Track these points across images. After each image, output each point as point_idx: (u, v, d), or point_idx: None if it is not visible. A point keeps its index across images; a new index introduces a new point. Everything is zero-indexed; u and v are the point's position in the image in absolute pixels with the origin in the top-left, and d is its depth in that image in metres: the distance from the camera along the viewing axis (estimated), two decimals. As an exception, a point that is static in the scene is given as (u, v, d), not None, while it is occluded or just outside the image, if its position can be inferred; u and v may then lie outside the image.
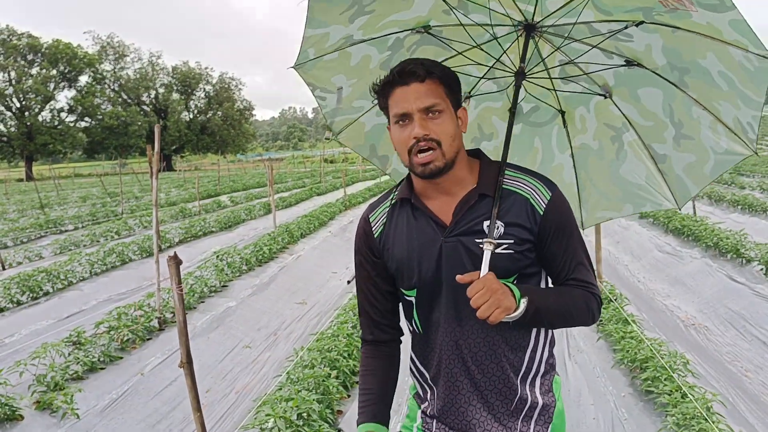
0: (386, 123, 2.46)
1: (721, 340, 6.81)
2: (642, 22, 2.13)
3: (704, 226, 11.34)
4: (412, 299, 2.01)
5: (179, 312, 2.73)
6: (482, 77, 2.60)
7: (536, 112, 2.71)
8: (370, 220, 2.07)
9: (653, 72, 2.33)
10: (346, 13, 2.26)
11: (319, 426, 4.14)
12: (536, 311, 1.81)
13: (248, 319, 8.17)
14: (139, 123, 70.65)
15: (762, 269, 8.92)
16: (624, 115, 2.55)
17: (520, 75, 2.28)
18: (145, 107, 77.42)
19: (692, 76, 2.24)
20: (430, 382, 2.08)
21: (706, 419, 3.84)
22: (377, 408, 2.06)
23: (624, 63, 2.37)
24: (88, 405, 5.39)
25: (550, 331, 2.07)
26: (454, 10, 2.29)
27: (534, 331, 2.00)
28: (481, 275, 1.77)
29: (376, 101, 2.34)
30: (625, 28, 2.18)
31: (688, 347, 6.51)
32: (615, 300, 7.06)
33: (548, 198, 1.89)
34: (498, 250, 1.86)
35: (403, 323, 2.14)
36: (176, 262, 2.62)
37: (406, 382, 2.29)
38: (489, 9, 2.26)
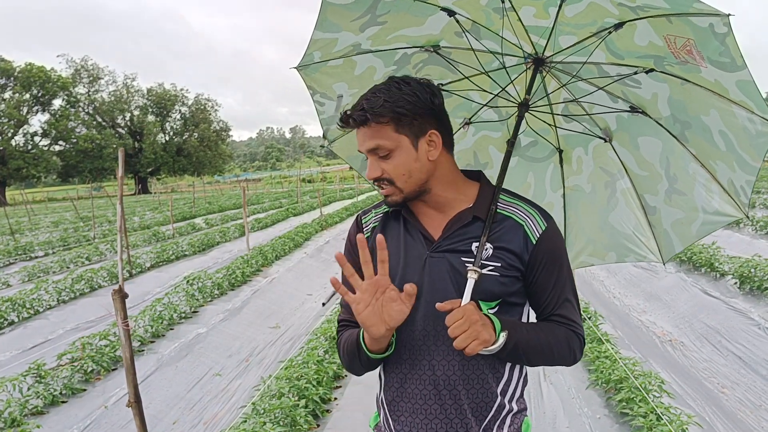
0: None
1: (697, 356, 6.75)
2: (652, 70, 2.10)
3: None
4: None
5: (125, 349, 2.58)
6: (485, 105, 2.56)
7: (534, 147, 2.68)
8: (363, 222, 2.04)
9: (656, 122, 2.29)
10: (359, 21, 2.23)
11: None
12: (515, 346, 1.75)
13: (219, 345, 7.97)
14: (114, 146, 70.03)
15: (736, 283, 8.91)
16: (621, 161, 2.51)
17: (524, 107, 2.24)
18: (120, 130, 76.83)
19: (693, 132, 2.20)
20: (389, 407, 1.96)
21: (680, 443, 3.74)
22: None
23: (628, 108, 2.34)
24: (48, 441, 5.18)
25: (524, 369, 1.97)
26: (466, 33, 2.26)
27: (508, 365, 1.90)
28: (463, 304, 1.71)
29: None
30: (635, 73, 2.16)
31: (665, 364, 6.45)
32: (589, 318, 6.98)
33: (543, 228, 1.84)
34: (484, 271, 1.79)
35: None
36: (121, 296, 2.48)
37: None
38: (501, 37, 2.23)
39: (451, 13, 2.22)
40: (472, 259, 1.82)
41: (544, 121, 2.52)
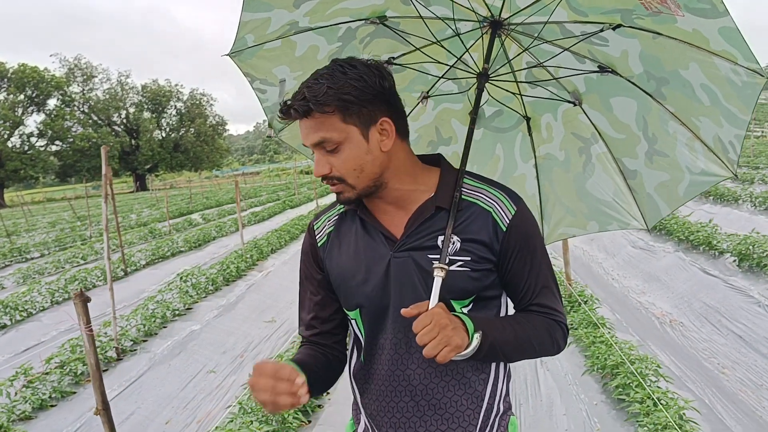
0: None
1: (696, 336, 6.66)
2: (620, 26, 1.92)
3: (676, 220, 11.25)
4: (355, 320, 1.79)
5: (90, 355, 2.48)
6: (441, 77, 2.39)
7: (499, 117, 2.50)
8: (315, 228, 1.87)
9: (628, 80, 2.11)
10: None
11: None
12: (492, 346, 1.61)
13: (213, 342, 7.87)
14: (111, 144, 69.84)
15: (734, 260, 8.81)
16: (594, 124, 2.34)
17: (483, 77, 2.07)
18: (116, 128, 76.61)
19: (671, 88, 2.02)
20: (370, 420, 1.83)
21: (678, 429, 3.64)
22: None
23: (597, 69, 2.15)
24: (36, 447, 5.10)
25: (508, 365, 1.86)
26: (413, 1, 2.08)
27: (493, 363, 1.78)
28: (430, 306, 1.56)
29: None
30: (601, 31, 1.97)
31: (664, 346, 6.35)
32: (585, 303, 6.88)
33: (513, 213, 1.68)
34: (452, 268, 1.65)
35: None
36: (83, 300, 2.37)
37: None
38: (452, 1, 2.05)
39: None
40: (438, 255, 1.66)
41: (507, 90, 2.36)
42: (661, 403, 4.06)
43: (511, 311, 1.84)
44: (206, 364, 7.12)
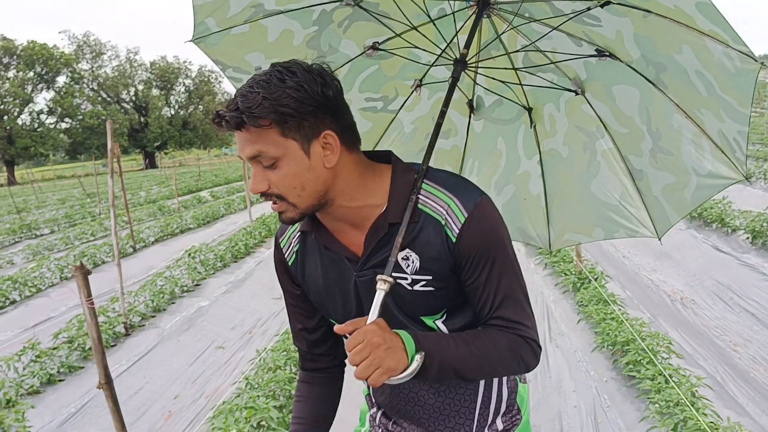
0: None
1: (708, 313, 6.58)
2: (608, 2, 1.75)
3: (688, 197, 11.12)
4: None
5: (92, 329, 2.44)
6: (432, 65, 2.20)
7: (500, 107, 2.30)
8: (282, 246, 1.74)
9: (628, 65, 1.94)
10: None
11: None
12: (441, 366, 1.46)
13: (222, 318, 7.88)
14: (120, 121, 69.87)
15: (747, 238, 8.71)
16: (599, 116, 2.15)
17: (460, 63, 1.90)
18: (125, 105, 76.52)
19: (670, 75, 1.84)
20: (382, 407, 1.87)
21: (690, 406, 3.58)
22: None
23: (594, 52, 1.98)
24: (44, 421, 5.11)
25: None
26: None
27: None
28: (368, 322, 1.44)
29: None
30: (588, 9, 1.81)
31: (675, 323, 6.29)
32: (595, 279, 6.81)
33: (462, 220, 1.50)
34: (416, 287, 1.54)
35: None
36: (83, 272, 2.32)
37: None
38: None
39: None
40: (403, 272, 1.55)
41: (502, 81, 2.18)
42: (672, 380, 4.00)
43: None
44: (215, 339, 7.12)
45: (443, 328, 1.63)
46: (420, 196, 1.55)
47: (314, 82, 1.43)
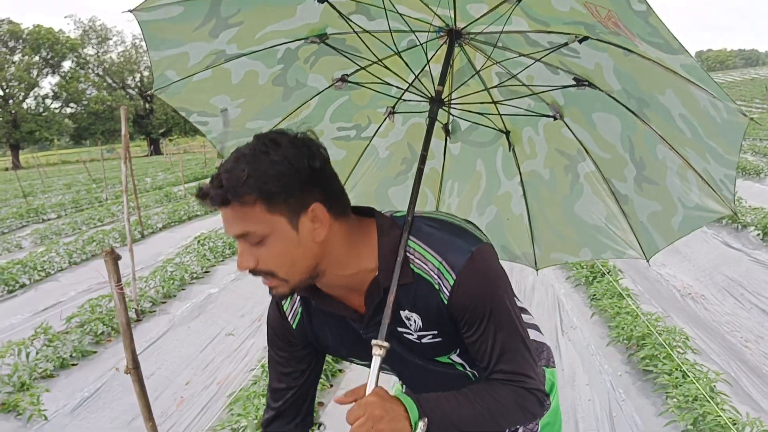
0: None
1: (719, 309, 6.58)
2: (586, 38, 1.69)
3: (698, 192, 11.09)
4: None
5: (121, 313, 2.44)
6: (400, 98, 2.15)
7: (476, 131, 2.26)
8: (284, 309, 1.70)
9: (608, 95, 1.87)
10: (203, 29, 1.82)
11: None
12: (444, 428, 1.46)
13: (231, 305, 7.89)
14: (125, 107, 69.89)
15: (758, 234, 8.69)
16: (579, 140, 2.08)
17: (436, 102, 1.84)
18: (130, 91, 76.50)
19: (653, 111, 1.78)
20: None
21: (710, 400, 3.59)
22: None
23: (573, 81, 1.91)
24: (58, 404, 5.12)
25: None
26: (349, 19, 1.85)
27: None
28: (368, 391, 1.44)
29: (280, 119, 2.02)
30: (565, 44, 1.75)
31: (686, 318, 6.29)
32: (608, 273, 6.81)
33: (451, 283, 1.47)
34: (424, 341, 1.56)
35: None
36: (113, 257, 2.33)
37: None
38: (399, 13, 1.81)
39: None
40: (407, 329, 1.56)
41: (480, 113, 2.13)
42: (690, 375, 4.01)
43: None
44: (224, 327, 7.13)
45: (459, 360, 1.64)
46: (411, 256, 1.52)
47: (300, 155, 1.38)
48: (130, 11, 1.77)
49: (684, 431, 3.69)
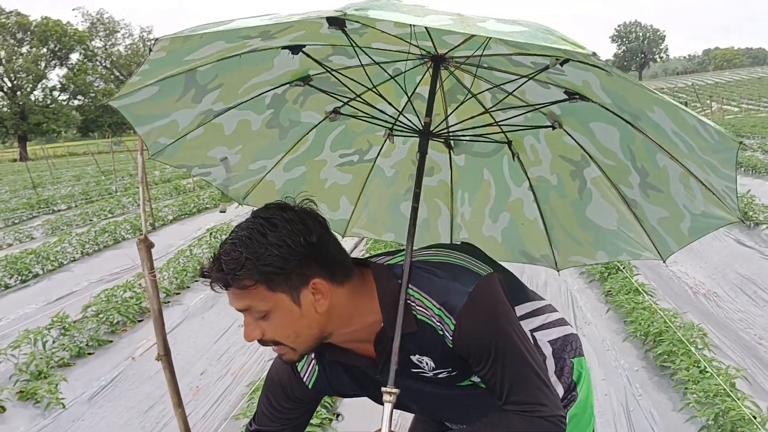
0: (300, 176, 2.21)
1: (731, 306, 6.58)
2: (567, 60, 1.66)
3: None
4: None
5: (153, 300, 2.47)
6: (394, 124, 2.09)
7: (478, 143, 2.24)
8: (298, 370, 1.73)
9: (601, 106, 1.84)
10: (185, 99, 1.86)
11: (315, 412, 3.89)
12: None
13: (244, 297, 7.93)
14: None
15: (771, 232, 8.68)
16: (581, 146, 2.06)
17: (425, 135, 1.85)
18: (138, 84, 76.64)
19: (646, 125, 1.77)
20: None
21: (731, 396, 3.60)
22: None
23: (564, 95, 1.88)
24: (75, 393, 5.16)
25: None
26: (331, 59, 1.88)
27: None
28: None
29: (281, 155, 2.04)
30: (547, 67, 1.73)
31: (699, 315, 6.28)
32: (624, 269, 6.81)
33: (452, 328, 1.52)
34: (440, 376, 1.63)
35: None
36: (147, 245, 2.35)
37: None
38: (376, 50, 1.81)
39: (295, 49, 1.79)
40: (421, 369, 1.61)
41: (477, 130, 2.09)
42: (711, 371, 4.01)
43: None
44: (237, 318, 7.13)
45: (479, 380, 1.66)
46: (412, 304, 1.55)
47: (296, 233, 1.42)
48: (109, 103, 1.83)
49: (704, 426, 3.69)
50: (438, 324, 1.53)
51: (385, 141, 2.29)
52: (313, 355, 1.70)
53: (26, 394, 4.95)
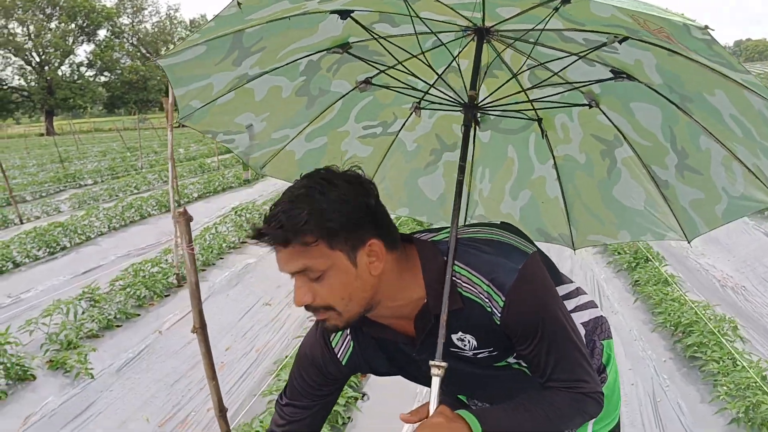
0: (321, 147, 2.17)
1: (760, 300, 6.50)
2: (627, 38, 1.62)
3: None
4: None
5: (191, 273, 2.48)
6: (424, 95, 2.08)
7: (506, 119, 2.21)
8: (333, 345, 1.72)
9: (648, 86, 1.82)
10: (226, 61, 1.85)
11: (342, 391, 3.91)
12: None
13: (268, 275, 7.95)
14: (158, 77, 70.26)
15: (803, 227, 8.55)
16: (615, 126, 2.04)
17: (471, 108, 1.82)
18: (164, 61, 76.98)
19: (697, 107, 1.74)
20: None
21: (761, 389, 3.56)
22: None
23: (610, 74, 1.84)
24: (104, 364, 5.23)
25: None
26: (372, 29, 1.85)
27: None
28: (431, 410, 1.51)
29: (305, 125, 2.01)
30: (604, 44, 1.69)
31: (727, 308, 6.21)
32: (653, 259, 6.75)
33: (501, 305, 1.51)
34: (480, 356, 1.62)
35: None
36: (186, 219, 2.36)
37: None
38: (421, 18, 1.76)
39: (344, 14, 1.78)
40: (460, 349, 1.60)
41: (508, 106, 2.05)
42: (743, 362, 3.97)
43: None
44: (261, 296, 7.21)
45: (515, 361, 1.68)
46: (458, 281, 1.54)
47: (357, 193, 1.43)
48: (156, 61, 1.85)
49: (735, 419, 3.66)
50: (486, 301, 1.52)
51: (410, 114, 2.27)
52: (348, 331, 1.69)
53: (56, 363, 5.03)
